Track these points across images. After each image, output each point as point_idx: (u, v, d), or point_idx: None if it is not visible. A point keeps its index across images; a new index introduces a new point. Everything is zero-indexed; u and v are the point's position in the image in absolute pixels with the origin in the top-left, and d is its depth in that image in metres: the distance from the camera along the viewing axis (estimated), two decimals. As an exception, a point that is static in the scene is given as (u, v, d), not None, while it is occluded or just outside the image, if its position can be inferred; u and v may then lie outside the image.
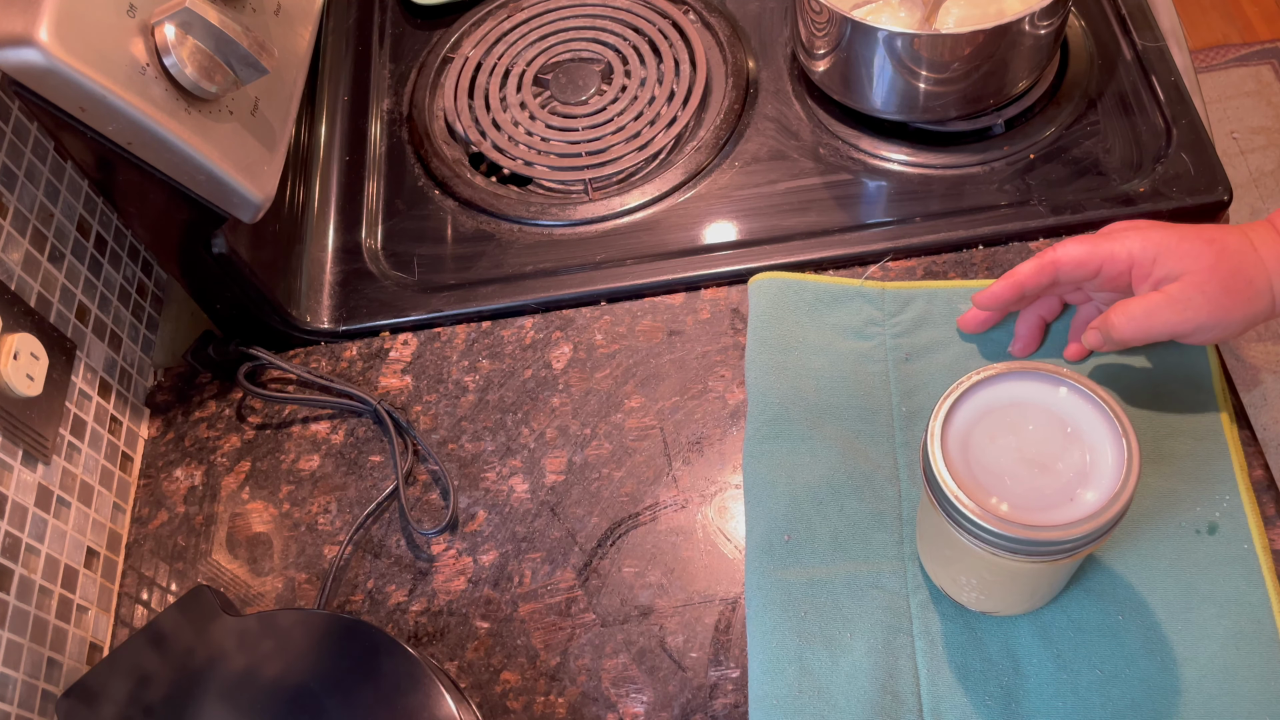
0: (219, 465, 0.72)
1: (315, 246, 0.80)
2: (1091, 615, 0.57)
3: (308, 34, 0.74)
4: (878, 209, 0.75)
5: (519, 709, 0.61)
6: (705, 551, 0.64)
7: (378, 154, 0.85)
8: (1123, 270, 0.59)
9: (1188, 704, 0.54)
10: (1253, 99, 1.80)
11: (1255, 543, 0.58)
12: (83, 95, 0.54)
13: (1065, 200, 0.73)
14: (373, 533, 0.68)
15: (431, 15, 0.93)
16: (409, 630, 0.64)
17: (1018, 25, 0.69)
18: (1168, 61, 0.78)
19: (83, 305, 0.70)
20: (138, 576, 0.69)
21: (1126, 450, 0.47)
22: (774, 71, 0.84)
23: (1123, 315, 0.59)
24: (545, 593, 0.64)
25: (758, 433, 0.65)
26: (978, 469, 0.49)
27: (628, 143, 0.82)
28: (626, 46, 0.87)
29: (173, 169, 0.61)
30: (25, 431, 0.62)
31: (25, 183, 0.66)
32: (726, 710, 0.59)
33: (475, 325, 0.75)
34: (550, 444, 0.69)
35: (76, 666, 0.64)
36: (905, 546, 0.61)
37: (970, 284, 0.69)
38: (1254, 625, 0.55)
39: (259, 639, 0.59)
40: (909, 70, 0.72)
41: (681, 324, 0.72)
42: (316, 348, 0.76)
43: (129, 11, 0.56)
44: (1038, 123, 0.77)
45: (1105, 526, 0.46)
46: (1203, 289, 0.56)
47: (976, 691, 0.56)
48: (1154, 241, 0.58)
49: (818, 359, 0.67)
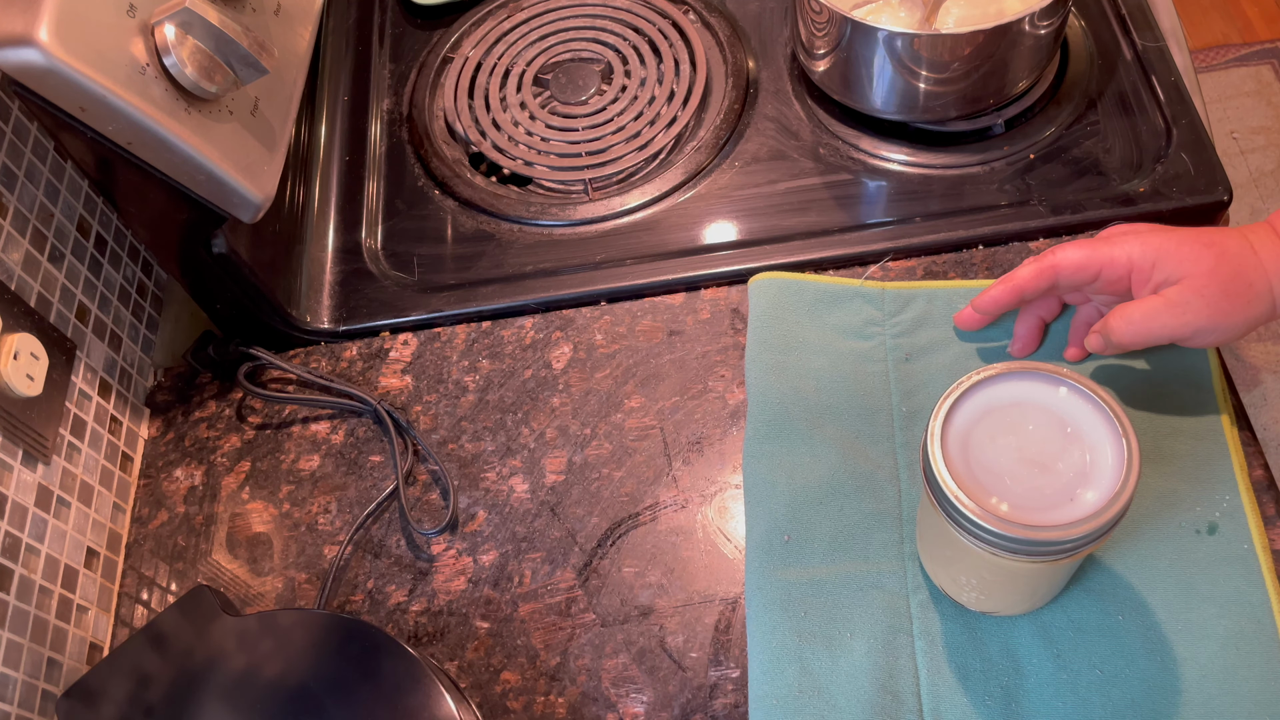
0: (219, 465, 0.72)
1: (315, 246, 0.80)
2: (1091, 615, 0.57)
3: (308, 34, 0.74)
4: (878, 209, 0.75)
5: (519, 709, 0.61)
6: (705, 551, 0.64)
7: (378, 154, 0.85)
8: (1122, 275, 0.59)
9: (1188, 704, 0.54)
10: (1253, 99, 1.80)
11: (1255, 543, 0.58)
12: (83, 95, 0.54)
13: (1065, 200, 0.73)
14: (373, 533, 0.68)
15: (431, 15, 0.93)
16: (409, 630, 0.64)
17: (1018, 25, 0.69)
18: (1168, 61, 0.78)
19: (83, 305, 0.70)
20: (138, 576, 0.69)
21: (1126, 450, 0.47)
22: (774, 71, 0.84)
23: (1122, 319, 0.59)
24: (545, 593, 0.64)
25: (758, 433, 0.65)
26: (978, 469, 0.49)
27: (628, 143, 0.82)
28: (626, 46, 0.87)
29: (173, 169, 0.60)
30: (25, 431, 0.62)
31: (25, 183, 0.66)
32: (726, 710, 0.59)
33: (475, 325, 0.75)
34: (550, 444, 0.69)
35: (76, 666, 0.64)
36: (905, 546, 0.61)
37: (970, 284, 0.69)
38: (1254, 625, 0.55)
39: (259, 639, 0.59)
40: (909, 70, 0.72)
41: (681, 324, 0.72)
42: (316, 348, 0.76)
43: (129, 11, 0.56)
44: (1038, 123, 0.77)
45: (1105, 526, 0.46)
46: (1201, 292, 0.56)
47: (976, 691, 0.56)
48: (1153, 246, 0.58)
49: (818, 359, 0.67)
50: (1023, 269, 0.62)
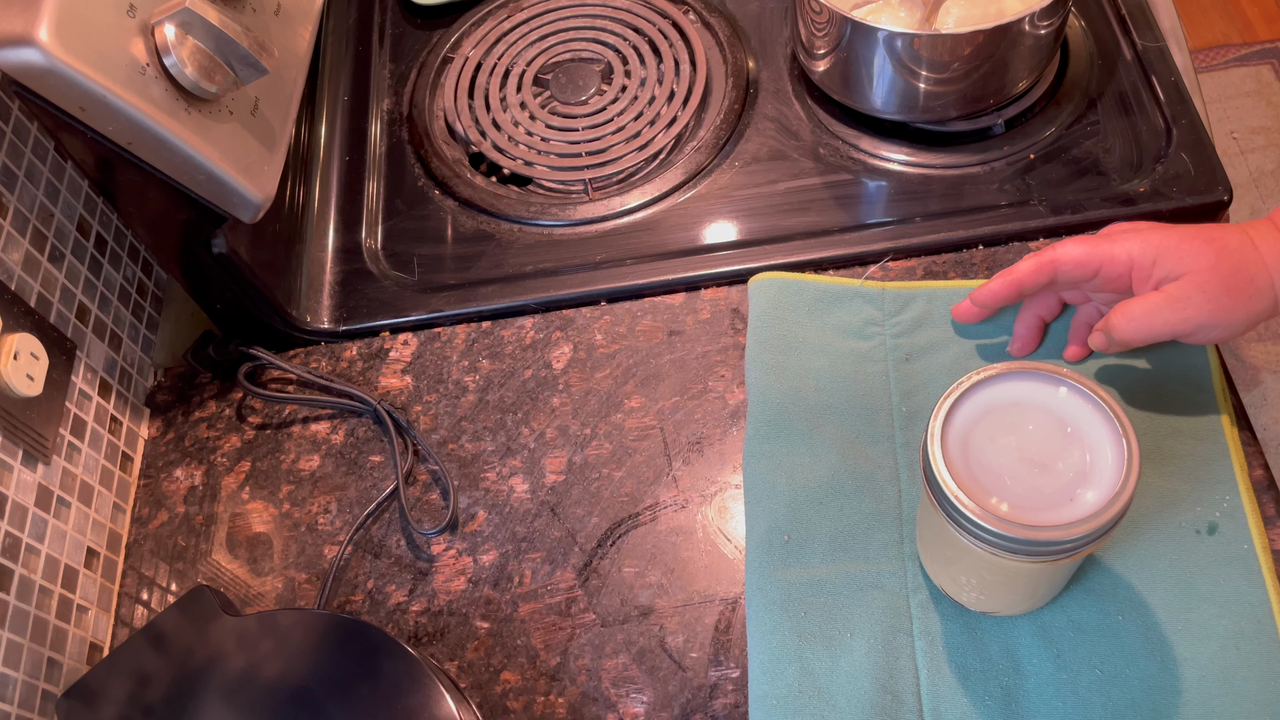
0: (219, 465, 0.72)
1: (315, 246, 0.80)
2: (1091, 615, 0.57)
3: (308, 34, 0.74)
4: (878, 209, 0.75)
5: (519, 709, 0.61)
6: (705, 551, 0.64)
7: (378, 154, 0.85)
8: (1122, 272, 0.59)
9: (1188, 704, 0.54)
10: (1253, 99, 1.80)
11: (1255, 543, 0.58)
12: (83, 95, 0.54)
13: (1065, 200, 0.73)
14: (373, 533, 0.68)
15: (431, 15, 0.93)
16: (409, 630, 0.64)
17: (1018, 25, 0.69)
18: (1168, 61, 0.78)
19: (83, 305, 0.70)
20: (138, 576, 0.69)
21: (1126, 450, 0.47)
22: (774, 71, 0.84)
23: (1123, 316, 0.59)
24: (545, 593, 0.64)
25: (758, 433, 0.65)
26: (978, 469, 0.49)
27: (628, 143, 0.82)
28: (626, 46, 0.87)
29: (173, 169, 0.60)
30: (25, 431, 0.62)
31: (25, 183, 0.66)
32: (726, 710, 0.59)
33: (475, 325, 0.75)
34: (550, 444, 0.69)
35: (76, 666, 0.64)
36: (905, 546, 0.61)
37: (970, 284, 0.69)
38: (1254, 625, 0.55)
39: (259, 639, 0.59)
40: (909, 70, 0.72)
41: (681, 324, 0.72)
42: (316, 348, 0.76)
43: (129, 11, 0.56)
44: (1038, 123, 0.77)
45: (1105, 526, 0.46)
46: (1202, 288, 0.56)
47: (976, 691, 0.56)
48: (1154, 243, 0.58)
49: (818, 359, 0.67)
50: (1023, 264, 0.62)
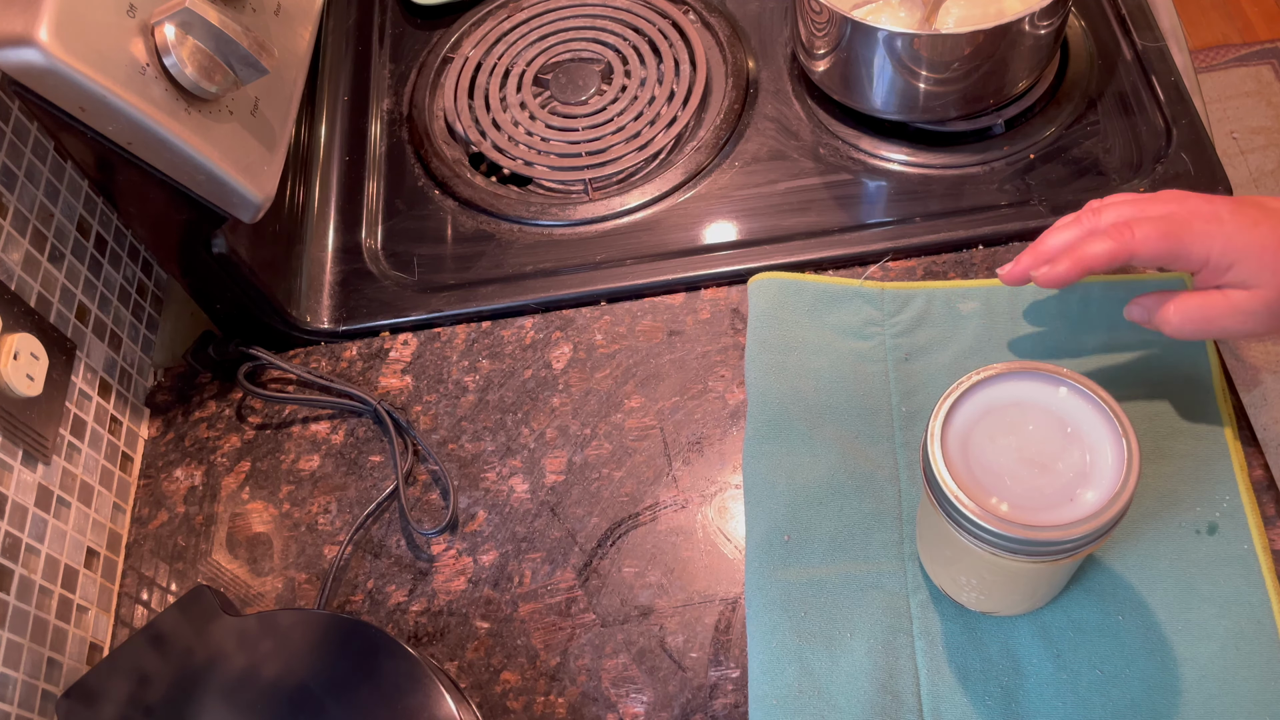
0: (219, 465, 0.72)
1: (315, 246, 0.80)
2: (1091, 615, 0.57)
3: (308, 34, 0.74)
4: (878, 209, 0.75)
5: (519, 709, 0.61)
6: (705, 551, 0.64)
7: (378, 154, 0.85)
8: (1193, 269, 0.56)
9: (1188, 704, 0.54)
10: (1253, 99, 1.80)
11: (1255, 543, 0.58)
12: (83, 95, 0.54)
13: (1065, 200, 0.73)
14: (373, 533, 0.68)
15: (431, 15, 0.93)
16: (409, 630, 0.64)
17: (1018, 25, 0.69)
18: (1168, 61, 0.78)
19: (83, 305, 0.70)
20: (138, 576, 0.69)
21: (1126, 450, 0.47)
22: (774, 71, 0.84)
23: (1180, 314, 0.57)
24: (545, 593, 0.64)
25: (757, 433, 0.65)
26: (978, 469, 0.49)
27: (628, 143, 0.82)
28: (626, 46, 0.87)
29: (173, 169, 0.60)
30: (25, 431, 0.62)
31: (25, 183, 0.66)
32: (726, 710, 0.59)
33: (475, 325, 0.75)
34: (550, 444, 0.69)
35: (76, 666, 0.64)
36: (905, 546, 0.61)
37: (970, 284, 0.69)
38: (1254, 625, 0.55)
39: (259, 639, 0.59)
40: (909, 70, 0.72)
41: (681, 324, 0.72)
42: (316, 348, 0.76)
43: (129, 11, 0.56)
44: (1038, 123, 0.77)
45: (1105, 526, 0.46)
46: (1271, 306, 0.54)
47: (976, 691, 0.56)
48: (1236, 247, 0.54)
49: (817, 359, 0.67)
50: (1095, 246, 0.56)
